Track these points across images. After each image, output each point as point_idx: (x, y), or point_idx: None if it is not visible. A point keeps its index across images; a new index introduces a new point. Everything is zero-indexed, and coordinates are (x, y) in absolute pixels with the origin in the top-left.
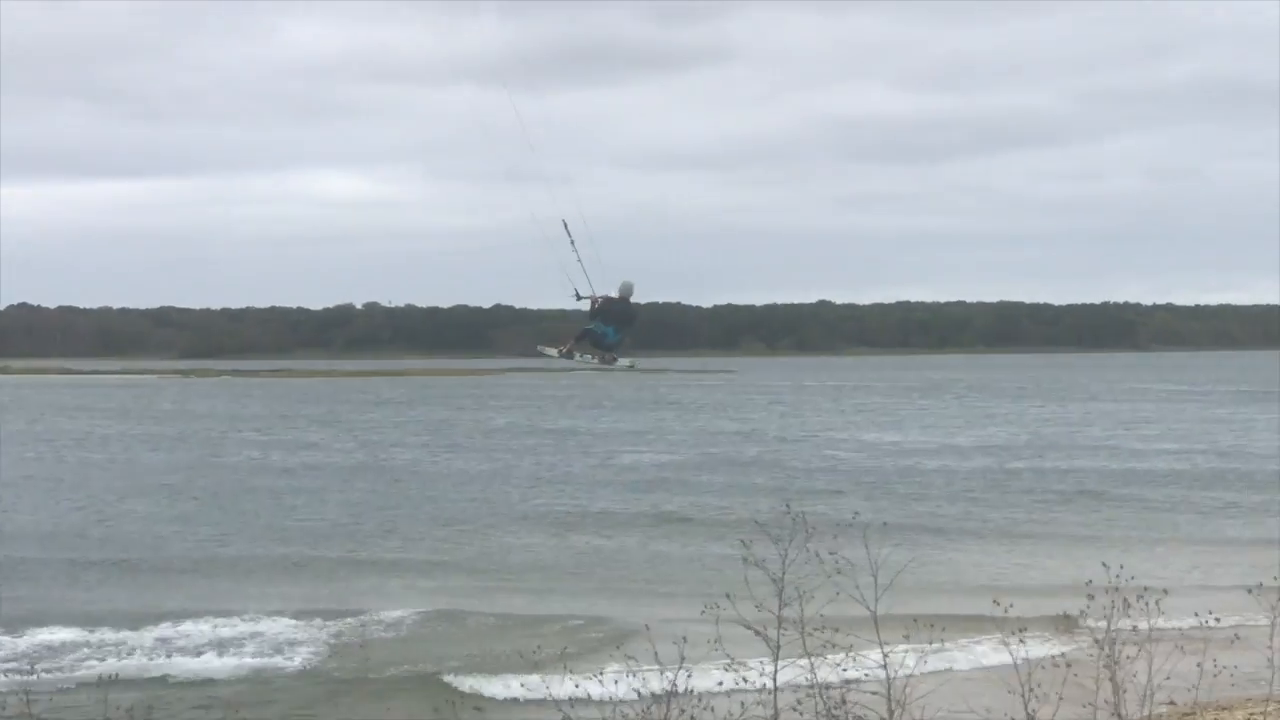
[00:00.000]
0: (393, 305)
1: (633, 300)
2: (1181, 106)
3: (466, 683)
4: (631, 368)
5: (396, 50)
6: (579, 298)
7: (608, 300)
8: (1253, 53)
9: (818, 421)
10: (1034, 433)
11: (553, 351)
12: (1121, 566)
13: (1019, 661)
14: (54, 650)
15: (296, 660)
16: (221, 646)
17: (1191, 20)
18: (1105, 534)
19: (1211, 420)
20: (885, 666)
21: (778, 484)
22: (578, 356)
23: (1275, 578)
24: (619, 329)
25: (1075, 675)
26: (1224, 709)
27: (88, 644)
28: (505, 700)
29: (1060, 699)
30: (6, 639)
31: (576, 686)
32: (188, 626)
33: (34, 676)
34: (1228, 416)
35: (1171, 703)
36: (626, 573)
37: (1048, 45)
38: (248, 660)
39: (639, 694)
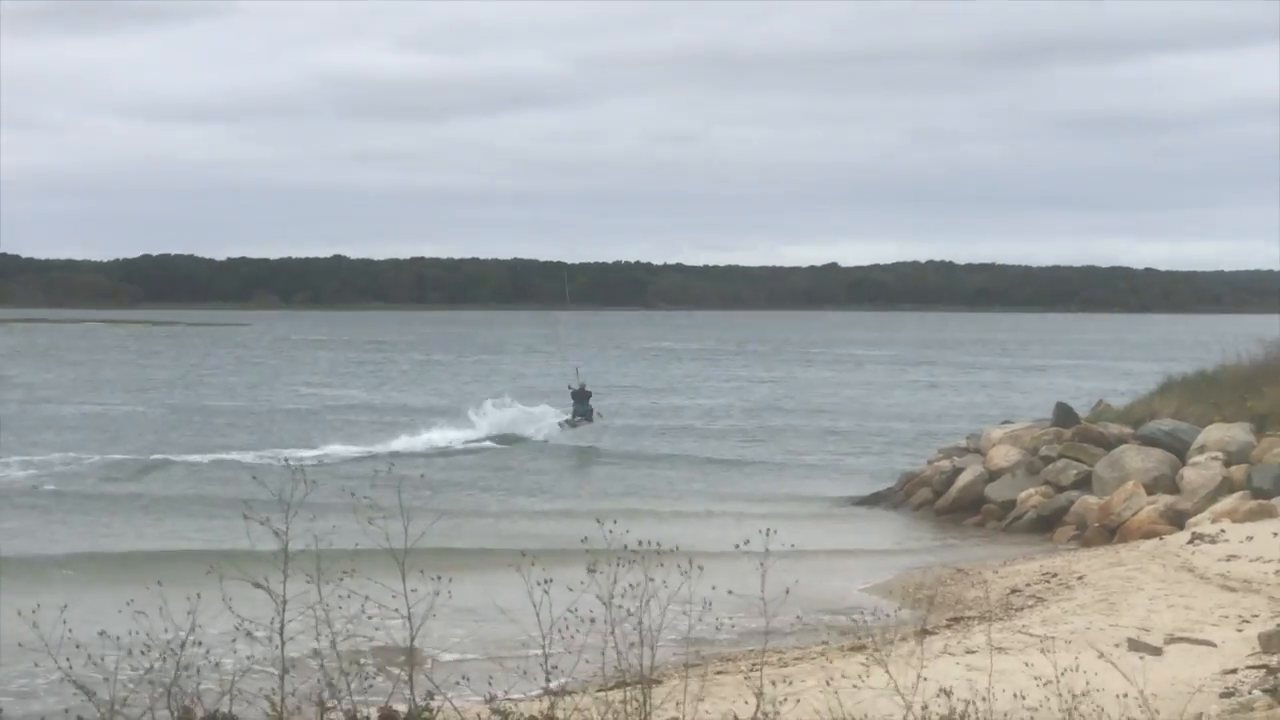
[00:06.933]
0: None
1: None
2: (675, 73)
3: None
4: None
5: None
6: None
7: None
8: (743, 24)
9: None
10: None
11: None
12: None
13: (539, 602)
14: None
15: None
16: None
17: None
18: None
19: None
20: (407, 600)
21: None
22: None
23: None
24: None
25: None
26: (728, 660)
27: None
28: None
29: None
30: None
31: (78, 648)
32: None
33: None
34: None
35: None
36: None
37: (541, 10)
38: None
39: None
